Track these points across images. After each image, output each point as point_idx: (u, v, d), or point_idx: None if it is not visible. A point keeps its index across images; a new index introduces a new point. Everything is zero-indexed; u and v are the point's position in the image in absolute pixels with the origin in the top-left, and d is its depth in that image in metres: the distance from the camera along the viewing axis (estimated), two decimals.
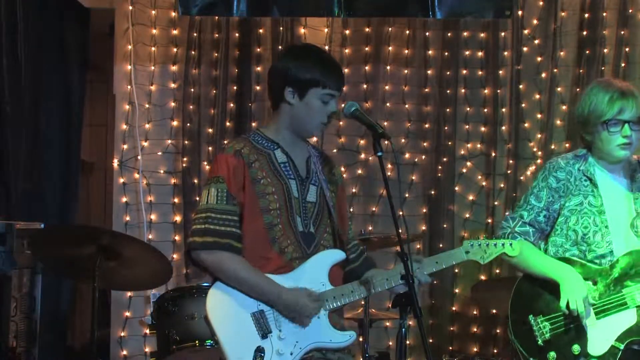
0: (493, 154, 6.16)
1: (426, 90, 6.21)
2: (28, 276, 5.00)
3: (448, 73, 6.17)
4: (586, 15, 6.08)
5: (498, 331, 6.03)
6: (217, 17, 5.99)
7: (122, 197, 6.10)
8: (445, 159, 6.15)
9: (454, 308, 6.10)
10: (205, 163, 6.07)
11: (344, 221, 3.39)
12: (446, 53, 6.19)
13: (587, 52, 6.06)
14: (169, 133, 6.15)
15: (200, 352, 4.47)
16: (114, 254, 4.45)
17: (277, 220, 3.16)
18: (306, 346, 3.12)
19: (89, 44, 6.38)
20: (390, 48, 6.21)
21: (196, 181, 6.04)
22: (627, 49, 6.05)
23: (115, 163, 6.13)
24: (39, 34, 5.67)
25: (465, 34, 6.20)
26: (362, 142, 6.12)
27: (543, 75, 6.14)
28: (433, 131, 6.19)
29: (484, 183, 6.20)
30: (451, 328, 6.08)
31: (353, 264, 3.40)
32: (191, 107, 6.08)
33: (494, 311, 5.94)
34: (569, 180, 3.64)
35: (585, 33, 6.08)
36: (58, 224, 5.74)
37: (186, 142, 6.08)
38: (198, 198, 5.93)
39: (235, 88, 6.13)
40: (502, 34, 6.17)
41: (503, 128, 6.18)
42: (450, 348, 6.00)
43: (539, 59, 6.16)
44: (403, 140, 6.20)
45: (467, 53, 6.21)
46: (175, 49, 6.14)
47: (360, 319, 5.06)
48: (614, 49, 6.03)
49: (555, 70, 6.10)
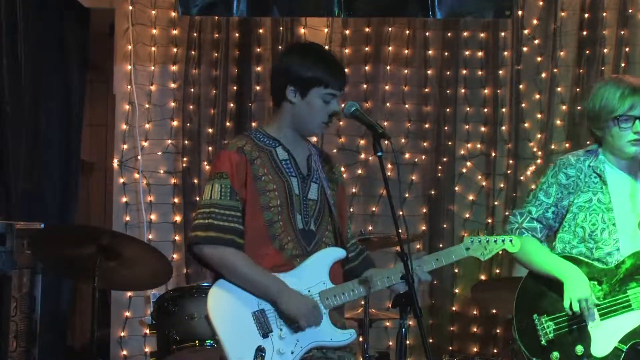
0: (493, 154, 6.16)
1: (426, 90, 6.21)
2: (28, 276, 5.00)
3: (448, 73, 6.17)
4: (586, 15, 6.08)
5: (498, 331, 6.03)
6: (217, 17, 5.99)
7: (122, 197, 6.10)
8: (445, 159, 6.15)
9: (454, 308, 6.10)
10: (205, 163, 6.07)
11: (344, 220, 3.38)
12: (446, 53, 6.19)
13: (587, 52, 6.06)
14: (169, 133, 6.15)
15: (200, 352, 4.47)
16: (114, 254, 4.45)
17: (278, 217, 3.16)
18: (307, 345, 3.12)
19: (89, 44, 6.38)
20: (390, 48, 6.21)
21: (196, 181, 6.04)
22: (627, 49, 6.05)
23: (115, 163, 6.13)
24: (39, 34, 5.66)
25: (465, 34, 6.20)
26: (362, 142, 6.12)
27: (543, 75, 6.14)
28: (433, 131, 6.19)
29: (484, 183, 6.20)
30: (451, 328, 6.08)
31: (352, 263, 3.39)
32: (191, 107, 6.08)
33: (494, 311, 5.94)
34: (579, 177, 3.63)
35: (585, 33, 6.08)
36: (58, 224, 5.74)
37: (186, 142, 6.08)
38: (198, 198, 6.00)
39: (235, 88, 6.13)
40: (502, 34, 6.17)
41: (503, 128, 6.18)
42: (450, 348, 6.00)
43: (539, 59, 6.15)
44: (403, 140, 6.20)
45: (467, 53, 6.21)
46: (175, 49, 6.14)
47: (360, 319, 5.06)
48: (614, 49, 6.02)
49: (555, 70, 6.10)
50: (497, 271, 5.98)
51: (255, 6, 5.52)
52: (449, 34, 6.17)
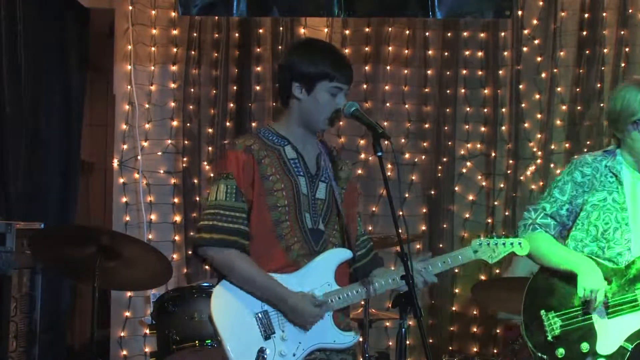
0: (493, 154, 6.16)
1: (426, 90, 6.21)
2: (28, 276, 5.00)
3: (448, 73, 6.17)
4: (586, 15, 6.08)
5: (498, 331, 6.03)
6: (217, 17, 6.00)
7: (122, 197, 6.10)
8: (445, 159, 6.15)
9: (454, 308, 6.10)
10: (205, 163, 6.08)
11: (353, 218, 3.34)
12: (446, 53, 6.19)
13: (587, 52, 6.06)
14: (169, 133, 6.15)
15: (200, 352, 4.47)
16: (114, 254, 4.45)
17: (285, 217, 3.14)
18: (309, 347, 3.11)
19: (89, 44, 6.38)
20: (390, 48, 6.21)
21: (196, 181, 6.04)
22: (627, 49, 6.05)
23: (115, 163, 6.13)
24: (39, 34, 5.66)
25: (465, 34, 6.20)
26: (362, 142, 6.12)
27: (543, 75, 6.14)
28: (433, 131, 6.19)
29: (484, 183, 6.20)
30: (451, 328, 6.08)
31: (360, 262, 3.35)
32: (191, 107, 6.08)
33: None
34: (595, 176, 3.63)
35: (585, 33, 6.08)
36: (58, 224, 5.74)
37: (186, 142, 6.08)
38: (198, 198, 6.01)
39: (235, 88, 6.13)
40: (502, 34, 6.17)
41: (503, 128, 6.18)
42: (450, 348, 6.00)
43: (539, 59, 6.15)
44: (403, 140, 6.20)
45: (467, 53, 6.21)
46: (175, 49, 6.14)
47: (360, 319, 5.06)
48: (614, 49, 6.02)
49: (555, 70, 6.10)
50: (497, 271, 5.98)
51: (255, 6, 5.52)
52: (449, 34, 6.17)
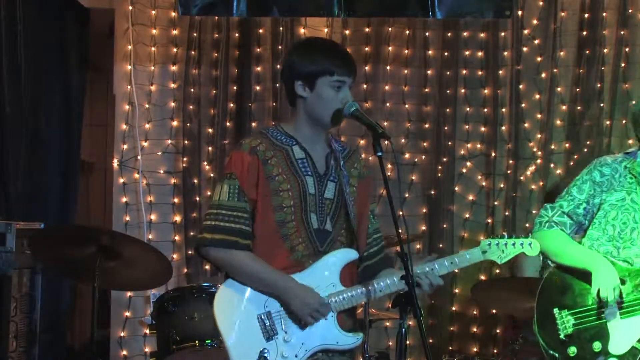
0: (493, 154, 6.16)
1: (426, 90, 6.22)
2: (28, 276, 5.00)
3: (448, 73, 6.17)
4: (586, 15, 6.08)
5: (498, 331, 6.03)
6: (217, 17, 5.99)
7: (122, 197, 6.10)
8: (445, 159, 6.15)
9: (454, 308, 6.10)
10: (205, 163, 6.08)
11: (364, 216, 3.32)
12: (446, 53, 6.19)
13: (587, 52, 6.06)
14: (169, 133, 6.15)
15: (200, 352, 4.47)
16: (114, 254, 4.45)
17: (291, 217, 3.13)
18: (312, 348, 3.10)
19: (89, 44, 6.38)
20: (390, 48, 6.21)
21: (196, 181, 6.04)
22: (627, 49, 6.05)
23: (115, 163, 6.13)
24: (39, 34, 5.66)
25: (465, 34, 6.20)
26: (362, 142, 6.12)
27: (543, 75, 6.14)
28: (433, 131, 6.19)
29: (484, 183, 6.20)
30: (451, 328, 6.08)
31: (369, 261, 3.32)
32: (191, 107, 6.08)
33: (494, 311, 5.94)
34: (614, 176, 3.64)
35: (585, 33, 6.08)
36: (58, 224, 5.74)
37: (186, 142, 6.08)
38: (198, 198, 6.02)
39: (235, 88, 6.13)
40: (502, 34, 6.17)
41: (503, 128, 6.18)
42: (450, 348, 6.00)
43: (539, 59, 6.15)
44: (403, 140, 6.20)
45: (467, 53, 6.22)
46: (175, 49, 6.14)
47: (360, 319, 5.05)
48: (614, 49, 6.03)
49: (555, 70, 6.10)
50: (497, 271, 5.98)
51: (255, 6, 5.52)
52: (449, 34, 6.17)
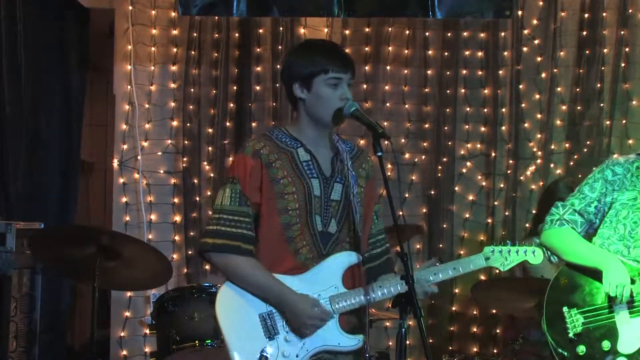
0: (493, 154, 6.17)
1: (426, 90, 6.22)
2: (28, 276, 5.00)
3: (448, 73, 6.18)
4: (586, 15, 6.08)
5: (498, 331, 6.03)
6: (217, 17, 6.00)
7: (122, 197, 6.10)
8: (445, 159, 6.15)
9: (454, 308, 6.11)
10: (205, 163, 6.08)
11: (369, 217, 3.32)
12: (446, 53, 6.19)
13: (587, 52, 6.06)
14: (169, 133, 6.15)
15: (200, 352, 4.47)
16: (114, 254, 4.45)
17: (296, 220, 3.13)
18: (313, 349, 3.09)
19: (89, 44, 6.38)
20: (390, 48, 6.21)
21: (196, 181, 6.04)
22: (627, 49, 6.05)
23: (115, 163, 6.13)
24: (39, 34, 5.66)
25: (465, 34, 6.20)
26: (362, 142, 6.11)
27: (543, 75, 6.14)
28: (433, 131, 6.19)
29: (484, 183, 6.20)
30: (451, 328, 6.08)
31: (371, 263, 3.30)
32: (191, 107, 6.08)
33: (494, 311, 5.94)
34: (625, 176, 3.64)
35: (585, 33, 6.08)
36: (58, 224, 5.74)
37: (186, 142, 6.08)
38: (198, 198, 6.02)
39: (235, 88, 6.13)
40: (502, 34, 6.17)
41: (503, 128, 6.18)
42: (450, 348, 6.00)
43: (539, 59, 6.16)
44: (403, 140, 6.20)
45: (467, 53, 6.22)
46: (175, 49, 6.14)
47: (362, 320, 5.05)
48: (614, 49, 6.03)
49: (555, 70, 6.10)
50: (497, 271, 5.97)
51: (255, 6, 5.52)
52: (449, 34, 6.17)
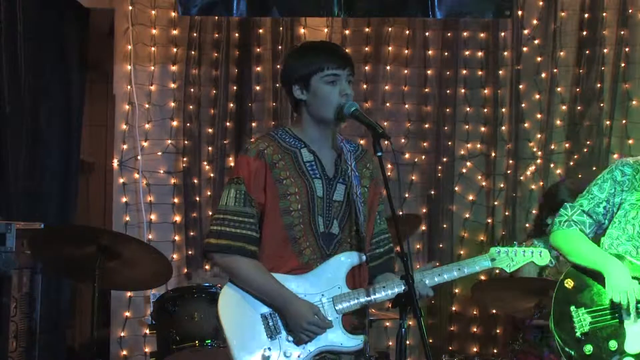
0: (493, 154, 6.17)
1: (426, 90, 6.22)
2: (28, 276, 4.99)
3: (448, 73, 6.18)
4: (586, 15, 6.09)
5: (498, 331, 6.03)
6: (217, 17, 6.00)
7: (122, 197, 6.10)
8: (445, 159, 6.15)
9: (454, 308, 6.11)
10: (205, 163, 6.08)
11: (372, 217, 3.32)
12: (446, 53, 6.19)
13: (587, 52, 6.06)
14: (169, 133, 6.15)
15: (200, 352, 4.47)
16: (114, 254, 4.44)
17: (299, 220, 3.14)
18: (315, 349, 3.09)
19: (89, 44, 6.38)
20: (390, 48, 6.21)
21: (196, 181, 6.04)
22: (627, 49, 6.06)
23: (115, 163, 6.13)
24: (39, 34, 5.66)
25: (465, 34, 6.20)
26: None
27: (543, 75, 6.15)
28: (433, 131, 6.19)
29: (484, 183, 6.20)
30: (451, 328, 6.08)
31: (374, 262, 3.31)
32: (191, 107, 6.08)
33: (494, 311, 5.94)
34: (635, 176, 3.64)
35: (585, 33, 6.09)
36: (58, 224, 5.73)
37: (186, 142, 6.08)
38: (198, 198, 6.02)
39: (235, 88, 6.14)
40: (502, 34, 6.17)
41: (503, 128, 6.18)
42: (450, 348, 6.00)
43: (539, 59, 6.16)
44: (403, 140, 6.20)
45: (467, 53, 6.22)
46: (175, 49, 6.14)
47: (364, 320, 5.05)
48: (614, 49, 6.03)
49: (555, 70, 6.10)
50: (497, 271, 5.98)
51: (255, 6, 5.52)
52: (449, 34, 6.17)
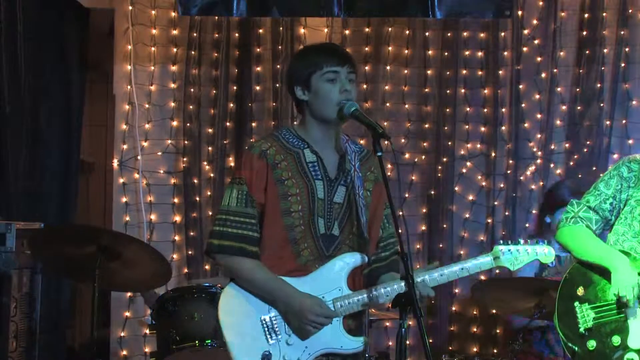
0: (493, 154, 6.16)
1: (426, 90, 6.21)
2: (28, 276, 4.99)
3: (448, 73, 6.17)
4: (586, 15, 6.08)
5: (498, 331, 6.03)
6: (217, 17, 6.00)
7: (122, 197, 6.10)
8: (445, 159, 6.15)
9: (454, 308, 6.10)
10: (205, 163, 6.08)
11: (377, 220, 3.30)
12: (446, 53, 6.19)
13: (587, 52, 6.06)
14: (169, 133, 6.15)
15: (200, 352, 4.47)
16: (114, 254, 4.45)
17: (299, 221, 3.14)
18: (315, 352, 3.09)
19: (89, 44, 6.38)
20: (390, 48, 6.21)
21: (196, 181, 6.04)
22: (627, 49, 6.05)
23: (115, 163, 6.13)
24: (39, 34, 5.66)
25: (465, 34, 6.20)
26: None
27: (543, 75, 6.14)
28: (433, 131, 6.19)
29: (484, 183, 6.20)
30: (451, 328, 6.08)
31: (377, 264, 3.29)
32: (191, 107, 6.08)
33: (494, 311, 5.94)
34: None
35: (585, 33, 6.08)
36: (58, 224, 5.73)
37: (186, 142, 6.08)
38: (198, 198, 6.02)
39: (235, 88, 6.13)
40: (502, 34, 6.17)
41: (503, 128, 6.18)
42: (450, 348, 6.00)
43: (539, 59, 6.15)
44: (403, 140, 6.20)
45: (467, 53, 6.21)
46: (175, 49, 6.14)
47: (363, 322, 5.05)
48: (614, 49, 6.03)
49: (555, 70, 6.10)
50: (497, 271, 5.98)
51: (255, 6, 5.52)
52: (449, 34, 6.17)
